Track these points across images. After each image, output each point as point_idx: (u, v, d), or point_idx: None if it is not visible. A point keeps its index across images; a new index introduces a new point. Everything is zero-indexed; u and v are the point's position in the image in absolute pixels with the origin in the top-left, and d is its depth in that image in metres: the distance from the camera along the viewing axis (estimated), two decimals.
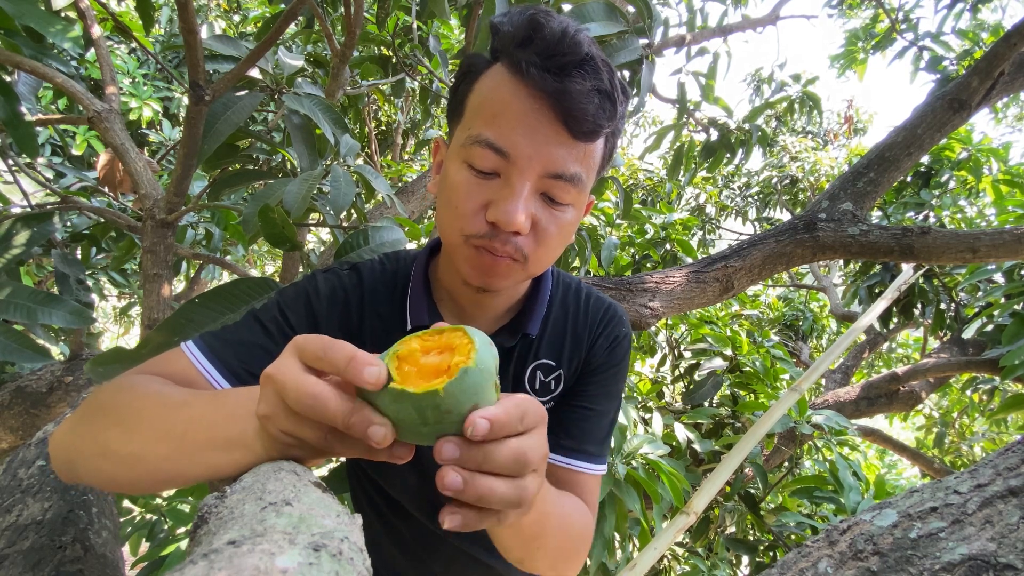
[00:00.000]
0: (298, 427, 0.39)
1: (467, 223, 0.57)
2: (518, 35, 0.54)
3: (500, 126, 0.54)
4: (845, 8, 4.63)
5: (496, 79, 0.56)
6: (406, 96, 4.03)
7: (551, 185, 0.56)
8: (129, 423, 0.49)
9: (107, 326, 6.61)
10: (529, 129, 0.53)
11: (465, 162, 0.56)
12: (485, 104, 0.56)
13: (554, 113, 0.53)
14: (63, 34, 1.00)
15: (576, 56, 0.53)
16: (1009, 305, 2.37)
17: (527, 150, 0.54)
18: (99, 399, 0.53)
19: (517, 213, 0.54)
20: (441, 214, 0.60)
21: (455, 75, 0.62)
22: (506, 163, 0.54)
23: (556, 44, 0.53)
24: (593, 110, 0.53)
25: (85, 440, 0.51)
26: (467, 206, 0.56)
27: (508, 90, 0.54)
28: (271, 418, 0.40)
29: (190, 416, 0.47)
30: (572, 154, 0.55)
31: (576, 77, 0.52)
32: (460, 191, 0.57)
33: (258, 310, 0.65)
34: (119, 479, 0.49)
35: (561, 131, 0.54)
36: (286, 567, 0.25)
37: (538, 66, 0.52)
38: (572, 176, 0.56)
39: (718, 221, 6.18)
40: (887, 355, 5.31)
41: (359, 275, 0.70)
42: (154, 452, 0.46)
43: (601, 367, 0.75)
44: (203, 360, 0.58)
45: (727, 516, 2.02)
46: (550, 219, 0.58)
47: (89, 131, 3.30)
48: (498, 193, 0.55)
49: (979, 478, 0.45)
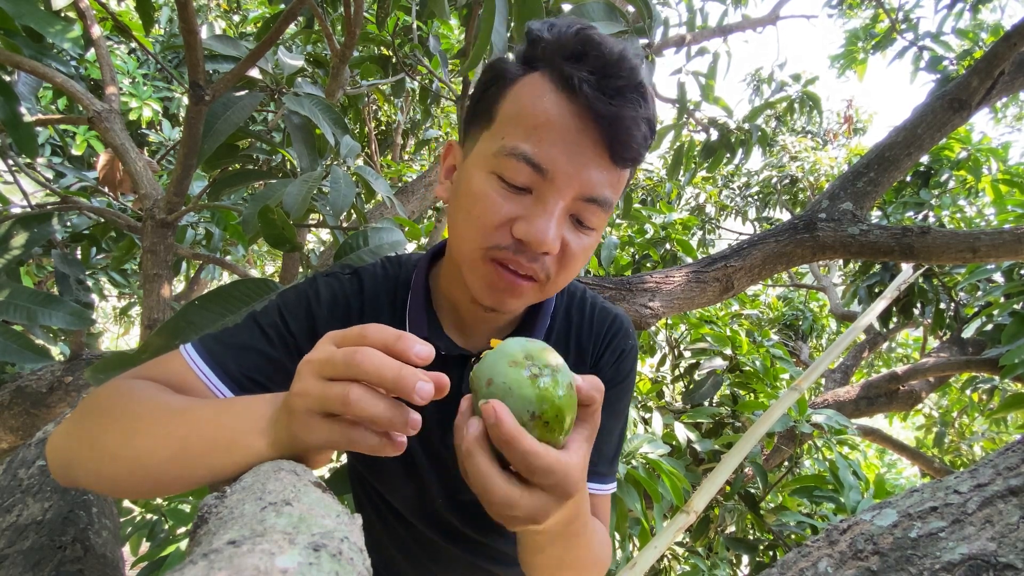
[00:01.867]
0: (328, 398, 0.40)
1: (490, 236, 0.54)
2: (567, 48, 0.52)
3: (541, 141, 0.51)
4: (845, 8, 4.63)
5: (537, 90, 0.53)
6: (406, 96, 4.02)
7: (583, 208, 0.54)
8: (129, 428, 0.49)
9: (107, 326, 6.60)
10: (572, 148, 0.51)
11: (494, 173, 0.54)
12: (524, 115, 0.53)
13: (601, 136, 0.51)
14: (63, 34, 1.00)
15: (632, 81, 0.51)
16: (1008, 304, 2.37)
17: (567, 169, 0.52)
18: (96, 404, 0.53)
19: (549, 233, 0.52)
20: (458, 224, 0.58)
21: (481, 78, 0.59)
22: (541, 180, 0.52)
23: (614, 65, 0.50)
24: (640, 138, 0.52)
25: (83, 445, 0.50)
26: (492, 219, 0.54)
27: (552, 104, 0.52)
28: (304, 395, 0.41)
29: (192, 420, 0.47)
30: (608, 178, 0.54)
31: (630, 103, 0.50)
32: (486, 203, 0.54)
33: (258, 313, 0.65)
34: (119, 484, 0.49)
35: (604, 155, 0.52)
36: (286, 567, 0.25)
37: (592, 85, 0.50)
38: (604, 200, 0.54)
39: (718, 221, 6.18)
40: (887, 355, 5.31)
41: (360, 281, 0.69)
42: (156, 456, 0.46)
43: (608, 383, 0.70)
44: (201, 365, 0.58)
45: (727, 515, 2.02)
46: (577, 241, 0.56)
47: (89, 131, 3.30)
48: (529, 209, 0.53)
49: (979, 478, 0.45)
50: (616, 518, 1.53)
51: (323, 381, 0.41)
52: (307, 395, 0.41)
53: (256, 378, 0.59)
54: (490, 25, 0.92)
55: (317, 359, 0.42)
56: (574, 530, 0.53)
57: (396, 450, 0.43)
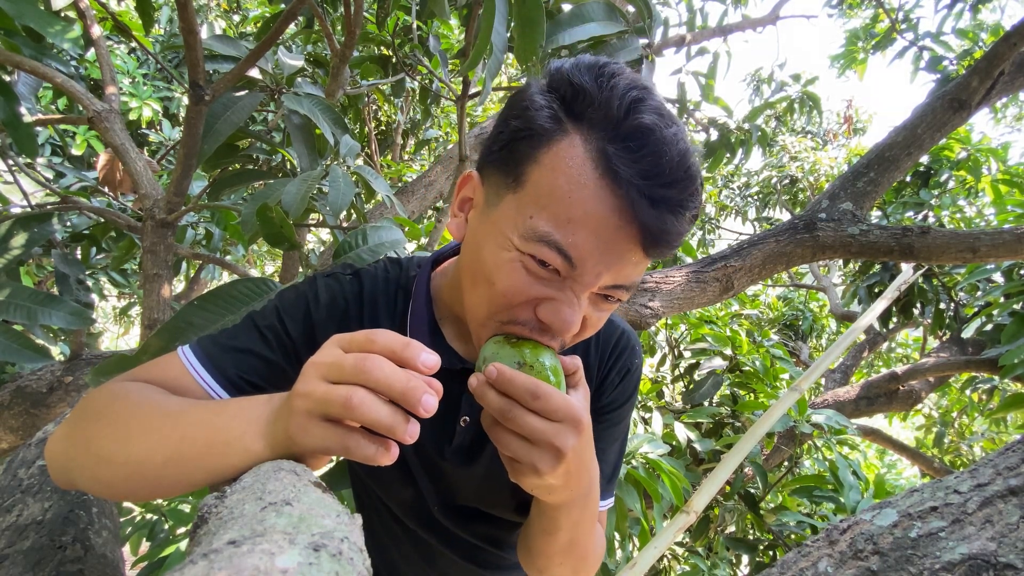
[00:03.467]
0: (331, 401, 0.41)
1: (511, 311, 0.52)
2: (614, 123, 0.46)
3: (574, 233, 0.47)
4: (845, 8, 4.63)
5: (576, 169, 0.47)
6: (406, 96, 4.02)
7: (611, 291, 0.52)
8: (124, 431, 0.49)
9: (107, 326, 6.61)
10: (606, 247, 0.48)
11: (521, 251, 0.49)
12: (558, 197, 0.47)
13: (640, 238, 0.47)
14: (63, 34, 1.00)
15: (685, 192, 0.46)
16: (1008, 304, 2.38)
17: (598, 267, 0.48)
18: (91, 407, 0.53)
19: (573, 321, 0.50)
20: (476, 287, 0.54)
21: (510, 117, 0.52)
22: (570, 269, 0.49)
23: (670, 174, 0.45)
24: (679, 239, 0.49)
25: (79, 448, 0.50)
26: (516, 298, 0.51)
27: (591, 195, 0.46)
28: (306, 396, 0.42)
29: (189, 422, 0.47)
30: (639, 268, 0.51)
31: (677, 213, 0.47)
32: (510, 282, 0.50)
33: (256, 314, 0.64)
34: (116, 487, 0.49)
35: (639, 251, 0.49)
36: (286, 567, 0.25)
37: (642, 191, 0.45)
38: (631, 285, 0.52)
39: (718, 221, 6.18)
40: (887, 355, 5.31)
41: (360, 283, 0.68)
42: (152, 460, 0.46)
43: (611, 404, 0.71)
44: (199, 368, 0.57)
45: (727, 515, 2.02)
46: (597, 314, 0.54)
47: (89, 131, 3.30)
48: (556, 295, 0.50)
49: (979, 477, 0.45)
50: (616, 518, 1.53)
51: (328, 384, 0.41)
52: (309, 396, 0.41)
53: (253, 381, 0.59)
54: (490, 25, 0.92)
55: (324, 362, 0.42)
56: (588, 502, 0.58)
57: (390, 459, 0.43)
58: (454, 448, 0.68)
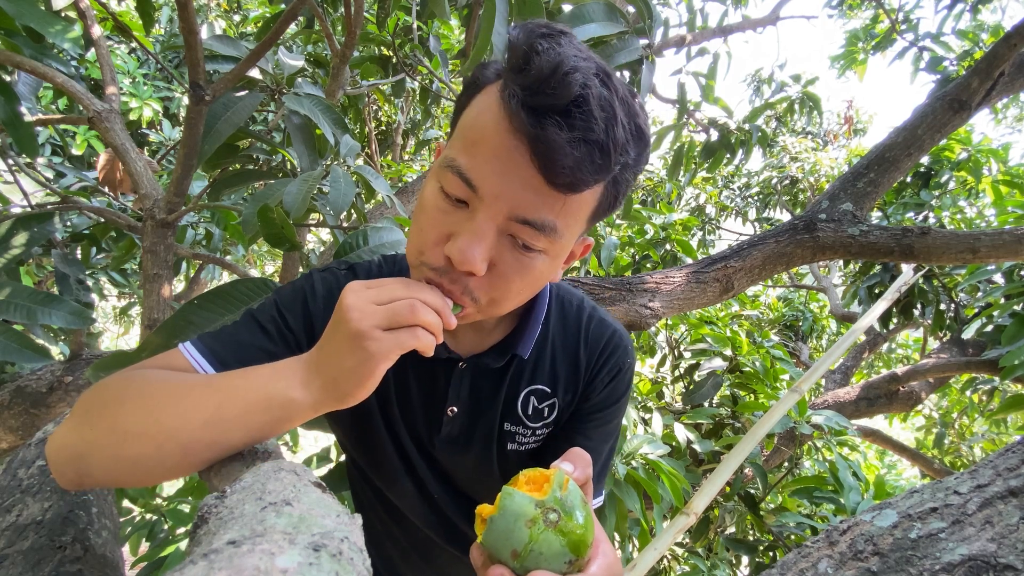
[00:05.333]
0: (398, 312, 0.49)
1: (425, 251, 0.53)
2: (514, 58, 0.48)
3: (474, 156, 0.49)
4: (845, 8, 4.63)
5: (486, 102, 0.51)
6: (406, 96, 4.02)
7: (519, 229, 0.50)
8: (152, 405, 0.49)
9: (107, 326, 6.60)
10: (502, 167, 0.48)
11: (439, 183, 0.52)
12: (468, 128, 0.52)
13: (531, 158, 0.47)
14: (63, 34, 1.00)
15: (561, 99, 0.46)
16: (1009, 305, 2.38)
17: (495, 188, 0.49)
18: (105, 394, 0.52)
19: (472, 252, 0.50)
20: (410, 230, 0.57)
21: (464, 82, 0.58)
22: (474, 196, 0.50)
23: (542, 81, 0.46)
24: (572, 162, 0.46)
25: (98, 432, 0.50)
26: (430, 234, 0.53)
27: (491, 119, 0.49)
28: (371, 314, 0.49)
29: (223, 386, 0.50)
30: (547, 202, 0.50)
31: (557, 124, 0.46)
32: (427, 215, 0.53)
33: (255, 309, 0.65)
34: (141, 464, 0.49)
35: (537, 177, 0.48)
36: (286, 567, 0.25)
37: (520, 102, 0.46)
38: (542, 224, 0.50)
39: (718, 221, 6.18)
40: (887, 355, 5.31)
41: (356, 275, 0.69)
42: (190, 423, 0.48)
43: (601, 403, 0.72)
44: (201, 361, 0.58)
45: (727, 516, 2.02)
46: (513, 262, 0.52)
47: (89, 131, 3.30)
48: (461, 226, 0.51)
49: (979, 479, 0.45)
50: (616, 519, 1.53)
51: (384, 304, 0.49)
52: (374, 314, 0.48)
53: None
54: (490, 25, 0.92)
55: (373, 294, 0.50)
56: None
57: (439, 340, 0.52)
58: (443, 437, 0.70)
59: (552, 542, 0.43)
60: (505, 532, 0.43)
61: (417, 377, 0.69)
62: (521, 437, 0.71)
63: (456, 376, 0.68)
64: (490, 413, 0.69)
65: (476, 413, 0.70)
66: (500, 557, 0.43)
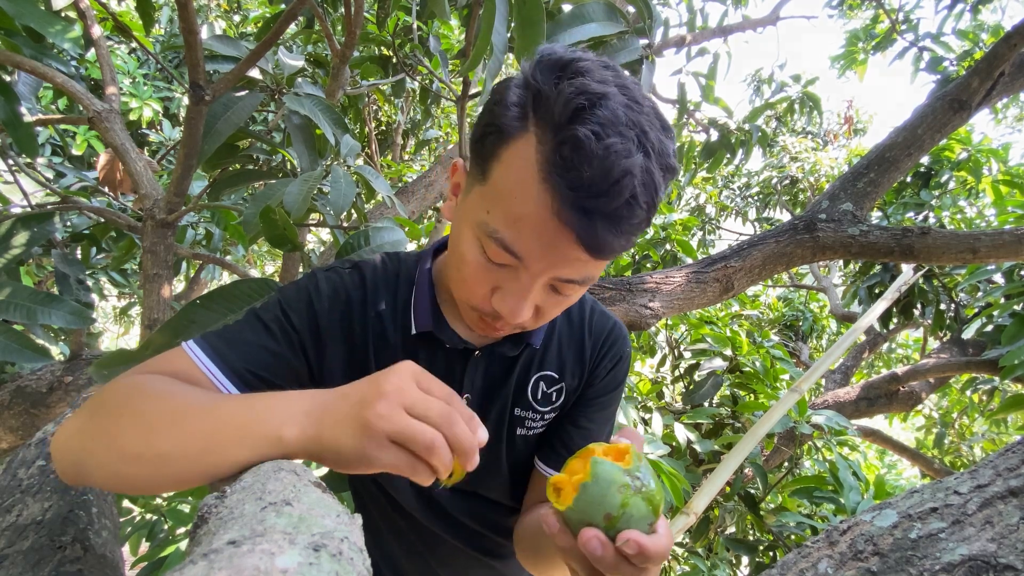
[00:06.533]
0: (416, 427, 0.44)
1: (474, 300, 0.58)
2: (556, 126, 0.47)
3: (519, 231, 0.51)
4: (845, 8, 4.63)
5: (524, 171, 0.49)
6: (406, 96, 4.03)
7: (561, 285, 0.55)
8: (151, 425, 0.48)
9: (107, 326, 6.61)
10: (548, 244, 0.51)
11: (479, 242, 0.55)
12: (507, 198, 0.51)
13: (576, 240, 0.49)
14: (63, 34, 1.00)
15: (610, 206, 0.47)
16: (1009, 305, 2.38)
17: (542, 262, 0.52)
18: (107, 402, 0.52)
19: (522, 311, 0.55)
20: (451, 270, 0.61)
21: (484, 114, 0.55)
22: (518, 263, 0.53)
23: (593, 187, 0.46)
24: (619, 246, 0.50)
25: (98, 444, 0.50)
26: (476, 287, 0.57)
27: (534, 197, 0.49)
28: (390, 419, 0.44)
29: (219, 414, 0.48)
30: (588, 266, 0.54)
31: (608, 223, 0.48)
32: (471, 269, 0.56)
33: (259, 308, 0.65)
34: (139, 483, 0.49)
35: (581, 252, 0.51)
36: (286, 567, 0.25)
37: (572, 203, 0.47)
38: (583, 280, 0.55)
39: (718, 221, 6.18)
40: (887, 355, 5.31)
41: (361, 274, 0.70)
42: (183, 452, 0.47)
43: (602, 388, 0.76)
44: (206, 361, 0.58)
45: (727, 516, 2.02)
46: (554, 304, 0.58)
47: (89, 131, 3.30)
48: (507, 284, 0.55)
49: (979, 479, 0.45)
50: None
51: (410, 418, 0.45)
52: (392, 422, 0.44)
53: (260, 373, 0.60)
54: (490, 25, 0.92)
55: (409, 395, 0.45)
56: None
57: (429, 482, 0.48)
58: None
59: (640, 506, 0.47)
60: (599, 497, 0.46)
61: (431, 367, 0.69)
62: (530, 422, 0.74)
63: (471, 365, 0.70)
64: (502, 399, 0.72)
65: (489, 400, 0.72)
66: (591, 521, 0.46)
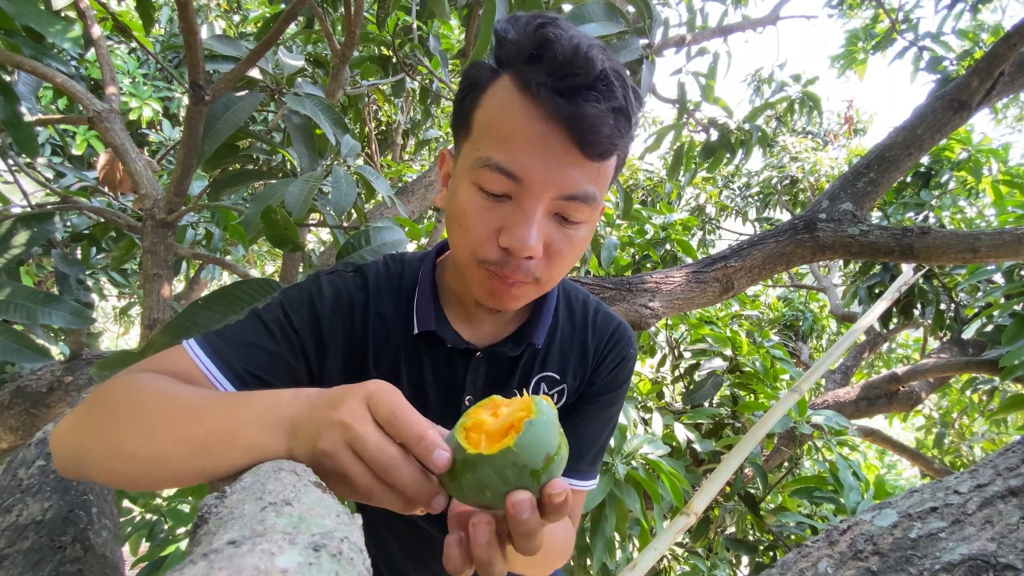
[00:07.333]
0: (355, 469, 0.41)
1: (480, 248, 0.56)
2: (526, 50, 0.51)
3: (511, 149, 0.52)
4: (845, 8, 4.63)
5: (504, 96, 0.53)
6: (406, 96, 4.03)
7: (564, 206, 0.55)
8: (144, 426, 0.49)
9: (107, 326, 6.61)
10: (541, 153, 0.52)
11: (475, 184, 0.55)
12: (494, 124, 0.54)
13: (567, 136, 0.51)
14: (63, 34, 1.00)
15: (589, 76, 0.50)
16: (1009, 305, 2.38)
17: (540, 174, 0.52)
18: (106, 399, 0.53)
19: (530, 239, 0.53)
20: (453, 234, 0.60)
21: (459, 85, 0.59)
22: (518, 187, 0.53)
23: (568, 64, 0.49)
24: (608, 131, 0.51)
25: (96, 441, 0.50)
26: (479, 231, 0.55)
27: (517, 110, 0.52)
28: (333, 456, 0.42)
29: (212, 418, 0.48)
30: (586, 174, 0.54)
31: (590, 99, 0.50)
32: (472, 215, 0.55)
33: (261, 309, 0.65)
34: (136, 480, 0.49)
35: (575, 153, 0.52)
36: (286, 567, 0.25)
37: (549, 87, 0.50)
38: (586, 195, 0.54)
39: (718, 221, 6.18)
40: (887, 355, 5.31)
41: (364, 277, 0.70)
42: (176, 455, 0.47)
43: (604, 388, 0.75)
44: (205, 360, 0.58)
45: (727, 516, 2.02)
46: (563, 239, 0.57)
47: (89, 131, 3.30)
48: (511, 218, 0.54)
49: (979, 478, 0.45)
50: (616, 518, 1.53)
51: (349, 456, 0.42)
52: (334, 460, 0.42)
53: (259, 374, 0.60)
54: (490, 25, 0.92)
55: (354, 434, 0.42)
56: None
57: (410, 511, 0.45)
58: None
59: (565, 447, 0.43)
60: (544, 435, 0.41)
61: (434, 368, 0.70)
62: None
63: (473, 365, 0.70)
64: None
65: None
66: (529, 464, 0.40)
